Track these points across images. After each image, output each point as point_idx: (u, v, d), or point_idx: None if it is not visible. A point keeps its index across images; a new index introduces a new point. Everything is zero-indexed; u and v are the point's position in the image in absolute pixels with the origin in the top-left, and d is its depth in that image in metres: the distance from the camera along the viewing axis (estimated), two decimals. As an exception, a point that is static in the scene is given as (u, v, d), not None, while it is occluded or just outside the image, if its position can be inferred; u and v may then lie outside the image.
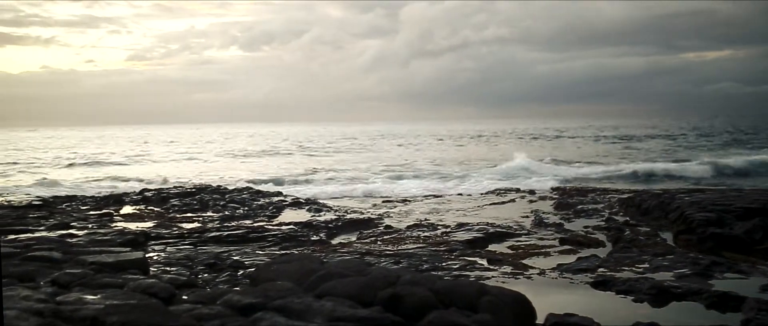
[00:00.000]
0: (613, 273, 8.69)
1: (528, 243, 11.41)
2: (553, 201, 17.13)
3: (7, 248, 9.19)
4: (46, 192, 20.60)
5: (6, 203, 17.11)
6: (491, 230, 12.43)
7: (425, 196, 19.65)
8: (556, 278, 8.76)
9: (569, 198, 17.52)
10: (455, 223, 13.47)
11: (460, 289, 6.18)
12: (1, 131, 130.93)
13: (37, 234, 11.57)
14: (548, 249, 10.81)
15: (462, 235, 11.97)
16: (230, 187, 20.22)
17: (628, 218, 13.78)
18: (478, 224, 13.18)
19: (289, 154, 47.38)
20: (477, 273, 9.00)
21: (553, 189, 20.73)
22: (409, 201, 18.46)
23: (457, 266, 9.39)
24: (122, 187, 22.57)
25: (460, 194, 20.36)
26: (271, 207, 16.17)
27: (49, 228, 12.62)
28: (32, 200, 17.67)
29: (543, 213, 15.02)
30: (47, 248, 9.08)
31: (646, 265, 9.23)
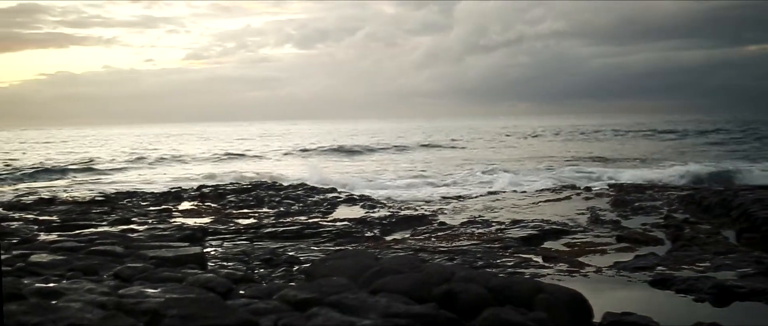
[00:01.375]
0: (672, 272, 8.51)
1: (584, 240, 11.26)
2: (610, 198, 16.84)
3: (72, 242, 9.48)
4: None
5: (71, 199, 17.64)
6: (546, 227, 12.30)
7: (481, 194, 19.52)
8: (612, 276, 8.62)
9: (626, 195, 17.21)
10: (510, 220, 13.38)
11: (515, 287, 6.14)
12: (76, 129, 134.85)
13: (99, 229, 11.88)
14: (605, 247, 10.65)
15: (517, 232, 11.88)
16: (286, 184, 20.44)
17: (687, 215, 13.48)
18: (533, 221, 13.06)
19: (383, 150, 45.87)
20: (532, 270, 8.92)
21: (610, 186, 20.38)
22: (464, 197, 18.38)
23: (511, 263, 9.33)
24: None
25: (515, 191, 20.17)
26: (325, 204, 16.30)
27: (111, 224, 12.95)
28: (95, 196, 18.19)
29: (599, 210, 14.80)
30: (110, 242, 9.34)
31: (707, 264, 9.01)
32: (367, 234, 12.13)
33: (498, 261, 9.45)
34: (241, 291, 6.93)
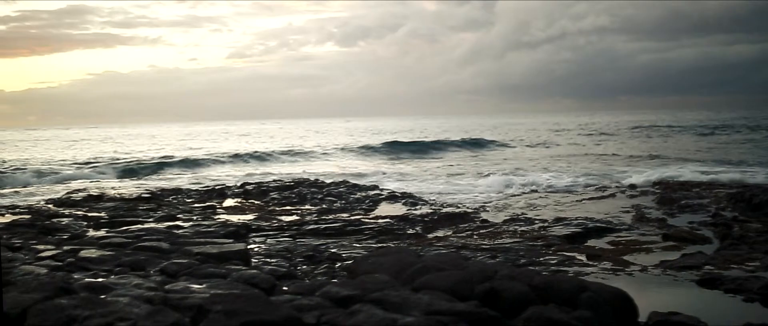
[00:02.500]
0: (720, 271, 8.34)
1: (629, 238, 11.10)
2: (656, 196, 16.57)
3: (120, 238, 9.68)
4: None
5: (118, 196, 17.98)
6: (590, 225, 12.16)
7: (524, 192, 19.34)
8: (658, 275, 8.49)
9: (672, 193, 16.91)
10: (553, 218, 13.25)
11: (558, 285, 6.08)
12: (130, 127, 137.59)
13: (146, 226, 12.10)
14: (650, 245, 10.48)
15: (560, 230, 11.77)
16: (328, 181, 20.55)
17: (736, 214, 13.19)
18: (576, 219, 12.92)
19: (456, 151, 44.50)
20: (576, 268, 8.83)
21: (656, 183, 20.02)
22: (506, 195, 18.25)
23: (554, 261, 9.24)
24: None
25: (558, 188, 19.94)
26: (367, 201, 16.34)
27: (158, 220, 13.18)
28: (142, 193, 18.51)
29: (645, 208, 14.57)
30: (156, 239, 9.51)
31: (757, 263, 8.81)
32: (409, 232, 12.13)
33: (541, 259, 9.38)
34: (284, 288, 6.99)
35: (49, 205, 16.53)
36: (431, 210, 14.52)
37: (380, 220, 13.16)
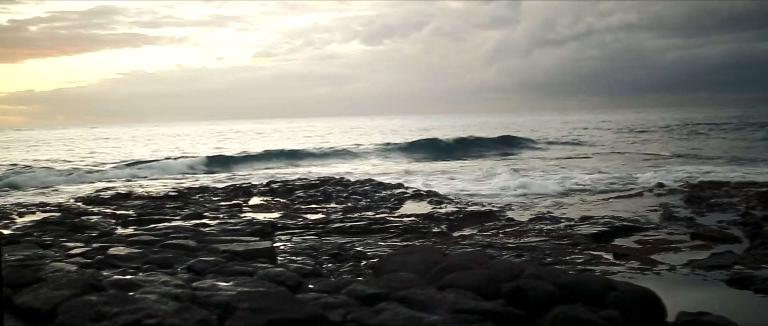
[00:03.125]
0: (751, 271, 8.22)
1: (656, 237, 10.99)
2: (684, 195, 16.37)
3: (148, 236, 9.78)
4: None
5: (145, 194, 18.18)
6: (617, 224, 12.05)
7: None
8: (687, 275, 8.40)
9: (701, 191, 16.70)
10: (579, 216, 13.16)
11: (585, 284, 6.05)
12: (162, 125, 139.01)
13: (173, 223, 12.21)
14: (678, 245, 10.37)
15: (586, 229, 11.68)
16: (353, 179, 20.59)
17: (767, 213, 12.99)
18: (603, 217, 12.82)
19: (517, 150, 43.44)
20: (602, 267, 8.76)
21: (684, 182, 19.79)
22: (532, 194, 18.14)
23: (581, 260, 9.18)
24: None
25: (584, 187, 19.79)
26: (392, 199, 16.35)
27: (185, 218, 13.29)
28: (168, 191, 18.70)
29: (672, 207, 14.41)
30: (183, 237, 9.60)
31: (789, 263, 8.67)
32: (434, 230, 12.11)
33: (567, 258, 9.32)
34: (310, 285, 7.03)
35: (79, 203, 16.76)
36: (456, 209, 14.48)
37: (405, 218, 13.15)
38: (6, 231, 11.51)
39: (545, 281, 6.00)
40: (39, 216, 13.99)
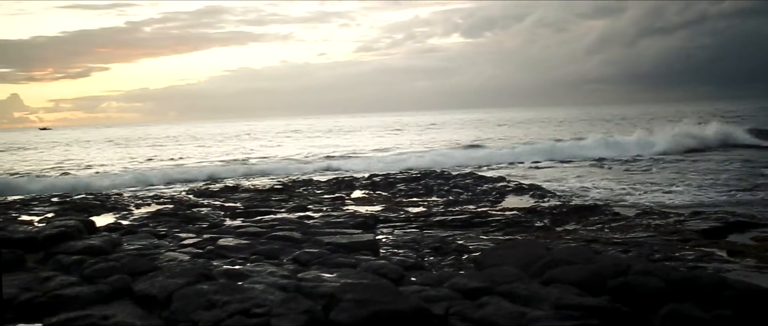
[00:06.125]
0: None
1: (775, 234, 10.41)
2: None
3: (255, 228, 10.10)
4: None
5: (252, 187, 18.76)
6: (731, 219, 11.48)
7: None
8: (810, 274, 7.92)
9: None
10: (690, 211, 12.63)
11: (698, 281, 5.82)
12: (269, 120, 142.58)
13: (279, 216, 12.53)
14: (800, 242, 9.79)
15: (697, 224, 11.19)
16: (455, 172, 20.53)
17: None
18: (715, 212, 12.25)
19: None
20: (715, 265, 8.38)
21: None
22: (639, 189, 17.54)
23: (692, 257, 8.82)
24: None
25: (697, 181, 18.96)
26: (494, 193, 16.19)
27: (289, 210, 13.62)
28: (274, 184, 19.22)
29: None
30: (288, 229, 9.86)
31: None
32: (536, 224, 11.92)
33: (677, 254, 8.97)
34: (413, 278, 7.08)
35: (190, 195, 17.48)
36: (560, 203, 14.19)
37: (507, 212, 13.00)
38: (125, 222, 12.15)
39: (655, 277, 5.81)
40: (154, 207, 14.68)
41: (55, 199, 16.82)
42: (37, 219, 12.98)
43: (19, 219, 13.16)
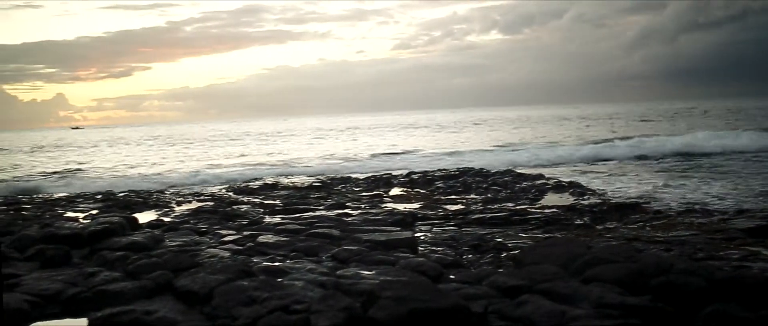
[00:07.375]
0: None
1: (825, 233, 10.14)
2: None
3: (294, 225, 10.17)
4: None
5: (291, 184, 18.91)
6: (778, 217, 11.23)
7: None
8: None
9: None
10: (734, 209, 12.37)
11: (742, 281, 5.72)
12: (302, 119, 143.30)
13: (318, 213, 12.60)
14: None
15: (742, 223, 10.95)
16: (492, 170, 20.42)
17: None
18: (762, 210, 11.99)
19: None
20: (761, 264, 8.20)
21: None
22: (682, 184, 17.23)
23: (736, 256, 8.64)
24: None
25: (743, 178, 18.56)
26: (533, 190, 16.08)
27: (328, 208, 13.69)
28: (313, 182, 19.35)
29: None
30: (327, 226, 9.91)
31: None
32: (576, 222, 11.79)
33: (721, 253, 8.80)
34: (451, 276, 7.06)
35: (230, 193, 17.69)
36: (600, 201, 14.03)
37: (546, 210, 12.89)
38: (166, 219, 12.34)
39: (698, 277, 5.72)
40: (195, 204, 14.89)
41: (98, 196, 17.18)
42: (82, 215, 13.27)
43: (65, 215, 13.47)
